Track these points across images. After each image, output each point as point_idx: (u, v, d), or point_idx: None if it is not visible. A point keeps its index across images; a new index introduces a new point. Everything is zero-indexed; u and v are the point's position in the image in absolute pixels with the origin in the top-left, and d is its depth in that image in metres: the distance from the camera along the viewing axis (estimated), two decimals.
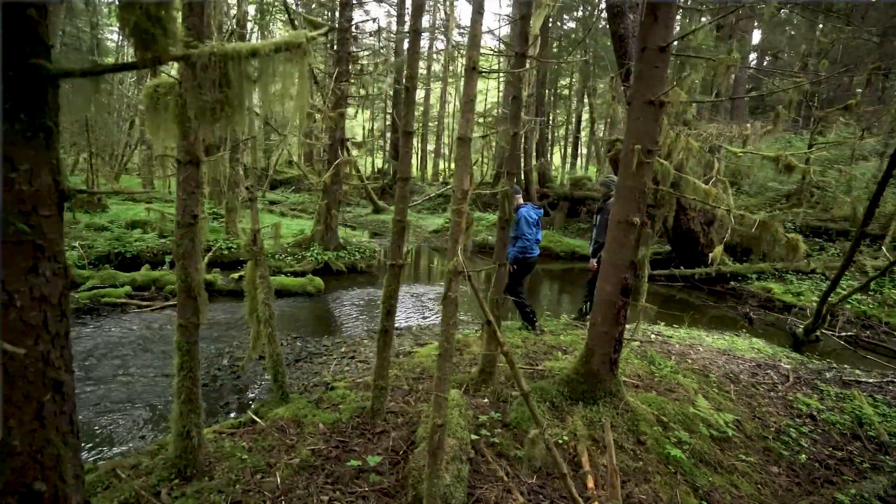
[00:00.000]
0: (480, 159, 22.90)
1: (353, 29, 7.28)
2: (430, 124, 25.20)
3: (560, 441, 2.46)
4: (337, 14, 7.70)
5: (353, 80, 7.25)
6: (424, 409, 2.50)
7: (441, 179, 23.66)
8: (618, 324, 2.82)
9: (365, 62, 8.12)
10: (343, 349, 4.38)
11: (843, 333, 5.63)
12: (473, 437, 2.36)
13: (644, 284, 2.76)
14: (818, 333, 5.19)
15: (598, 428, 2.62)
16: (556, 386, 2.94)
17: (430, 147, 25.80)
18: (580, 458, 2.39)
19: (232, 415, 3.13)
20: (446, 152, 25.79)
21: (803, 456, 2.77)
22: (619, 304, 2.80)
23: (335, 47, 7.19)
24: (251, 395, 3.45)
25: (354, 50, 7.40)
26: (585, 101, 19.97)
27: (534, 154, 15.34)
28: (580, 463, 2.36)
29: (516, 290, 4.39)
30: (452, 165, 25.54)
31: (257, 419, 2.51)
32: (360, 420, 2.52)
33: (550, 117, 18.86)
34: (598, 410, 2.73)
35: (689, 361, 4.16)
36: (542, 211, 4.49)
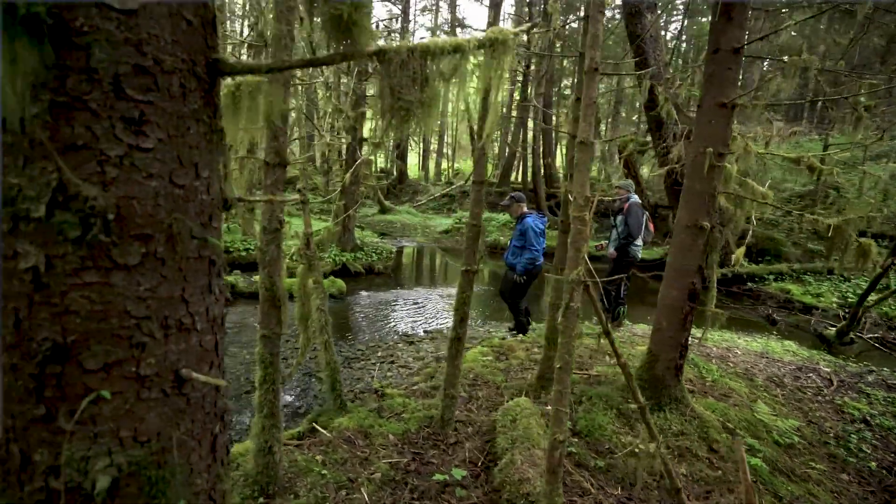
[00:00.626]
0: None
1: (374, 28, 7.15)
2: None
3: (636, 451, 2.40)
4: None
5: (372, 80, 7.15)
6: (498, 419, 2.43)
7: (444, 179, 23.55)
8: (684, 329, 2.77)
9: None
10: (380, 353, 4.29)
11: (870, 335, 5.64)
12: None
13: (713, 290, 2.71)
14: (852, 336, 5.19)
15: (671, 435, 2.56)
16: (618, 392, 2.88)
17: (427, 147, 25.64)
18: (660, 468, 2.33)
19: (284, 424, 3.03)
20: (449, 152, 25.68)
21: (873, 463, 2.74)
22: (686, 309, 2.74)
23: None
24: (298, 403, 3.35)
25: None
26: None
27: (541, 154, 15.31)
28: (661, 473, 2.29)
29: (520, 300, 4.42)
30: (455, 165, 25.43)
31: (322, 430, 2.42)
32: (430, 430, 2.43)
33: (554, 117, 18.87)
34: (667, 417, 2.68)
35: (731, 364, 4.13)
36: (546, 219, 4.49)
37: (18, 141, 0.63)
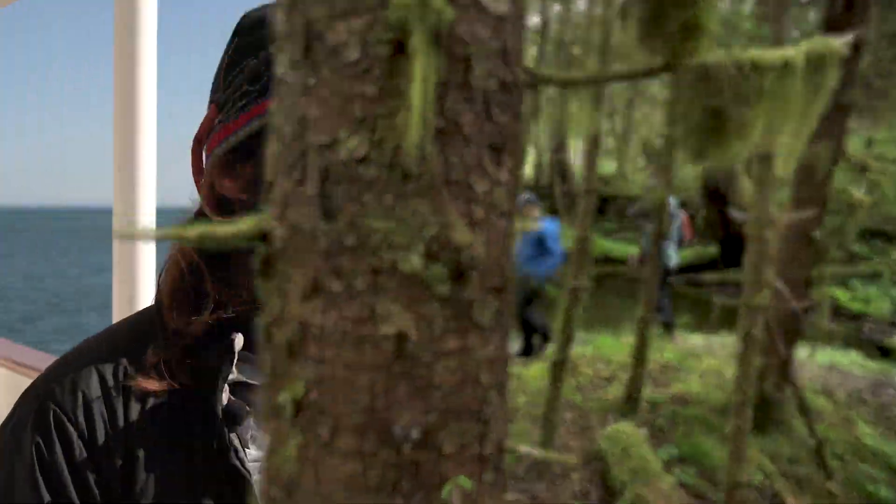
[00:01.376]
0: None
1: None
2: None
3: (752, 483, 2.26)
4: None
5: None
6: (606, 448, 2.28)
7: None
8: (791, 345, 2.63)
9: None
10: None
11: None
12: (670, 478, 2.15)
13: (825, 304, 2.57)
14: None
15: (785, 461, 2.42)
16: (712, 414, 2.74)
17: None
18: (782, 499, 2.18)
19: None
20: None
21: None
22: (794, 324, 2.60)
23: None
24: None
25: None
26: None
27: (555, 149, 15.13)
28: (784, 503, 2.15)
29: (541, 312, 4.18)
30: None
31: None
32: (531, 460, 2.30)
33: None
34: (775, 441, 2.53)
35: (807, 380, 3.97)
36: (559, 222, 4.33)
37: (383, 176, 0.51)
